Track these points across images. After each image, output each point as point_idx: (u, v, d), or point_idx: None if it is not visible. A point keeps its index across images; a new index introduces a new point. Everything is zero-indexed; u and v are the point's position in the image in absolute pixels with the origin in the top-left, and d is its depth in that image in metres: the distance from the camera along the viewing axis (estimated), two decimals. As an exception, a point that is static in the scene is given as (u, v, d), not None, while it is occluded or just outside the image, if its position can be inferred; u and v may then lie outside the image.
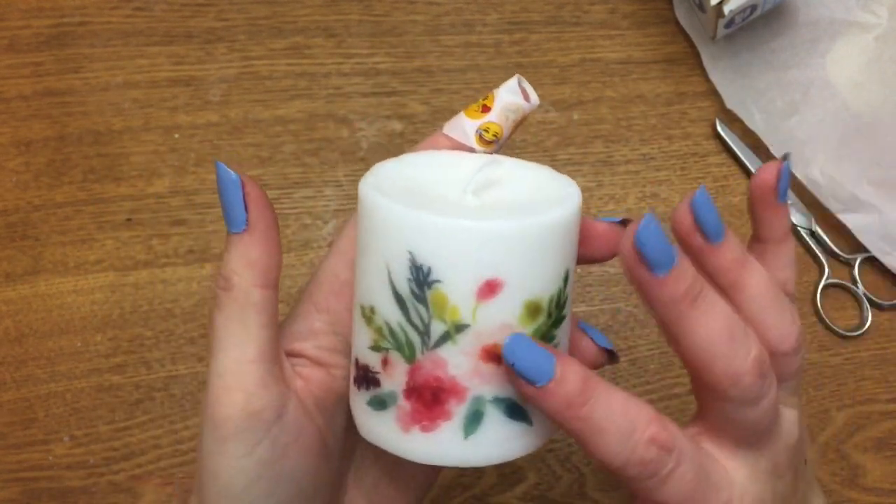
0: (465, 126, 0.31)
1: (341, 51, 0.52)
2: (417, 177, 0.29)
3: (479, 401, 0.27)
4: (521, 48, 0.53)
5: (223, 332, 0.28)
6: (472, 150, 0.31)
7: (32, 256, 0.48)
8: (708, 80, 0.53)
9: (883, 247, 0.49)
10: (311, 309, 0.30)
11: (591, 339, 0.31)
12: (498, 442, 0.27)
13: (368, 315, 0.27)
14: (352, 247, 0.30)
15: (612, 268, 0.50)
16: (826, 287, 0.50)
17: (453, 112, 0.51)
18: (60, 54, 0.51)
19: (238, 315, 0.28)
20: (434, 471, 0.34)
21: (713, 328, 0.26)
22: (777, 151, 0.50)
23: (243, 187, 0.28)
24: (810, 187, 0.50)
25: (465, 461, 0.27)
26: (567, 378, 0.25)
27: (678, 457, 0.26)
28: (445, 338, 0.26)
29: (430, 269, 0.26)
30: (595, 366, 0.31)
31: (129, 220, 0.49)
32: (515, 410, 0.27)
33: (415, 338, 0.26)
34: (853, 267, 0.50)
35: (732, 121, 0.52)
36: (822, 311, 0.50)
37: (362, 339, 0.28)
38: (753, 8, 0.49)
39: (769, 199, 0.30)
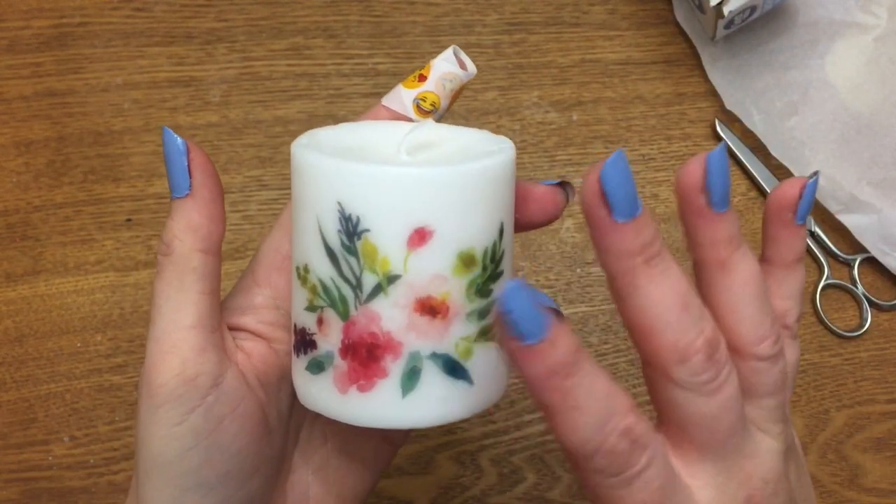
0: (402, 96, 0.31)
1: (341, 51, 0.52)
2: (353, 140, 0.29)
3: (415, 357, 0.26)
4: (520, 49, 0.53)
5: (162, 297, 0.27)
6: (410, 121, 0.31)
7: (32, 257, 0.48)
8: (707, 81, 0.53)
9: (882, 247, 0.49)
10: (251, 284, 0.30)
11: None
12: (437, 401, 0.27)
13: (303, 274, 0.27)
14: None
15: (612, 268, 0.50)
16: (825, 287, 0.50)
17: (453, 112, 0.51)
18: (61, 55, 0.51)
19: (177, 280, 0.27)
20: (387, 450, 0.33)
21: (665, 293, 0.23)
22: (776, 152, 0.50)
23: (188, 153, 0.28)
24: (809, 188, 0.50)
25: (404, 421, 0.27)
26: (559, 342, 0.22)
27: (650, 458, 0.24)
28: (378, 290, 0.26)
29: (358, 219, 0.25)
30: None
31: (129, 220, 0.49)
32: (454, 368, 0.27)
33: (347, 292, 0.26)
34: (853, 267, 0.50)
35: (732, 121, 0.52)
36: (821, 311, 0.50)
37: (299, 302, 0.28)
38: (753, 9, 0.49)
39: (786, 217, 0.28)
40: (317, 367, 0.27)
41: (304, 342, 0.28)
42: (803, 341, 0.50)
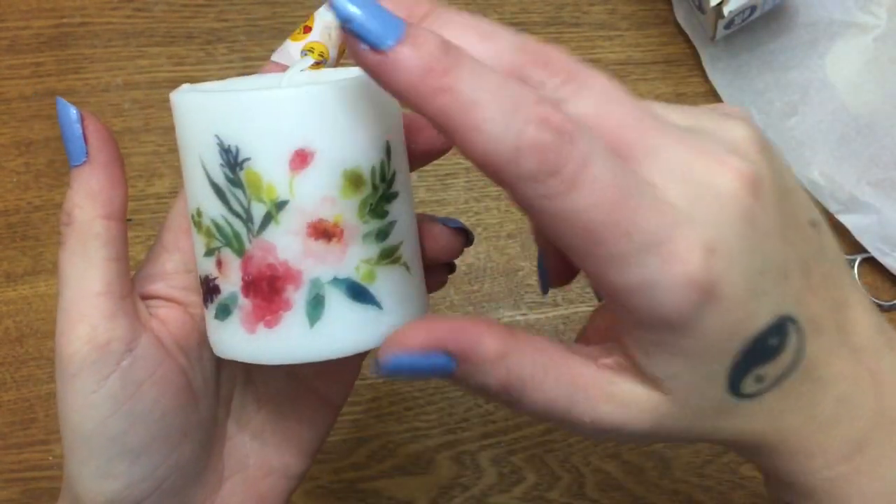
0: (290, 50, 0.31)
1: (341, 51, 0.52)
2: (235, 85, 0.29)
3: (316, 283, 0.26)
4: (520, 49, 0.53)
5: (67, 267, 0.27)
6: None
7: (33, 257, 0.48)
8: (707, 81, 0.53)
9: (882, 248, 0.49)
10: (160, 251, 0.30)
11: (443, 224, 0.30)
12: (347, 328, 0.26)
13: (197, 220, 0.27)
14: None
15: (612, 268, 0.50)
16: (825, 287, 0.50)
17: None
18: (61, 55, 0.51)
19: (81, 248, 0.27)
20: (328, 410, 0.33)
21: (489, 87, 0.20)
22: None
23: (82, 121, 0.28)
24: (809, 188, 0.50)
25: (316, 353, 0.26)
26: (422, 37, 0.19)
27: (587, 149, 0.20)
28: (268, 219, 0.25)
29: (238, 149, 0.25)
30: (452, 249, 0.30)
31: (129, 220, 0.48)
32: (359, 292, 0.26)
33: (239, 227, 0.26)
34: (852, 267, 0.50)
35: (732, 121, 0.52)
36: (821, 311, 0.50)
37: (199, 250, 0.27)
38: (753, 9, 0.49)
39: None
40: (223, 311, 0.27)
41: (208, 289, 0.27)
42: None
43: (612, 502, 0.47)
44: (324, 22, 0.31)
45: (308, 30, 0.31)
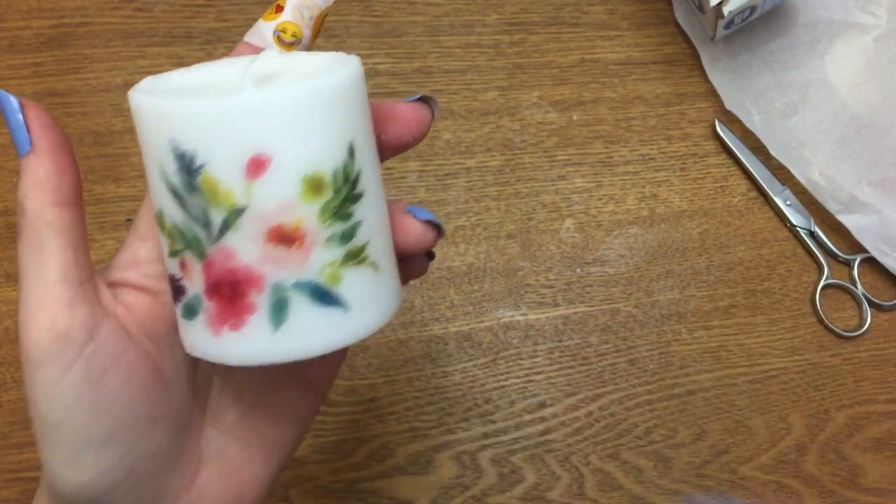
0: (262, 31, 0.30)
1: (341, 51, 0.52)
2: (198, 79, 0.29)
3: (279, 288, 0.26)
4: (520, 49, 0.53)
5: (24, 259, 0.27)
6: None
7: (33, 257, 0.48)
8: (707, 81, 0.53)
9: (882, 247, 0.49)
10: (134, 240, 0.30)
11: (413, 215, 0.29)
12: (312, 331, 0.26)
13: (160, 221, 0.27)
14: None
15: (612, 268, 0.50)
16: (825, 287, 0.50)
17: (453, 112, 0.51)
18: (61, 55, 0.51)
19: (35, 238, 0.27)
20: (311, 397, 0.33)
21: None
22: (776, 152, 0.50)
23: (23, 109, 0.27)
24: (809, 188, 0.50)
25: (280, 355, 0.26)
26: None
27: None
28: (226, 225, 0.25)
29: (193, 155, 0.25)
30: (424, 243, 0.30)
31: (129, 220, 0.49)
32: (322, 295, 0.26)
33: (199, 232, 0.26)
34: (852, 267, 0.50)
35: (732, 121, 0.52)
36: (821, 311, 0.50)
37: (164, 249, 0.27)
38: (753, 9, 0.49)
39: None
40: (190, 311, 0.27)
41: (175, 289, 0.27)
42: (804, 341, 0.50)
43: (611, 502, 0.47)
44: (296, 1, 0.30)
45: (280, 9, 0.30)
